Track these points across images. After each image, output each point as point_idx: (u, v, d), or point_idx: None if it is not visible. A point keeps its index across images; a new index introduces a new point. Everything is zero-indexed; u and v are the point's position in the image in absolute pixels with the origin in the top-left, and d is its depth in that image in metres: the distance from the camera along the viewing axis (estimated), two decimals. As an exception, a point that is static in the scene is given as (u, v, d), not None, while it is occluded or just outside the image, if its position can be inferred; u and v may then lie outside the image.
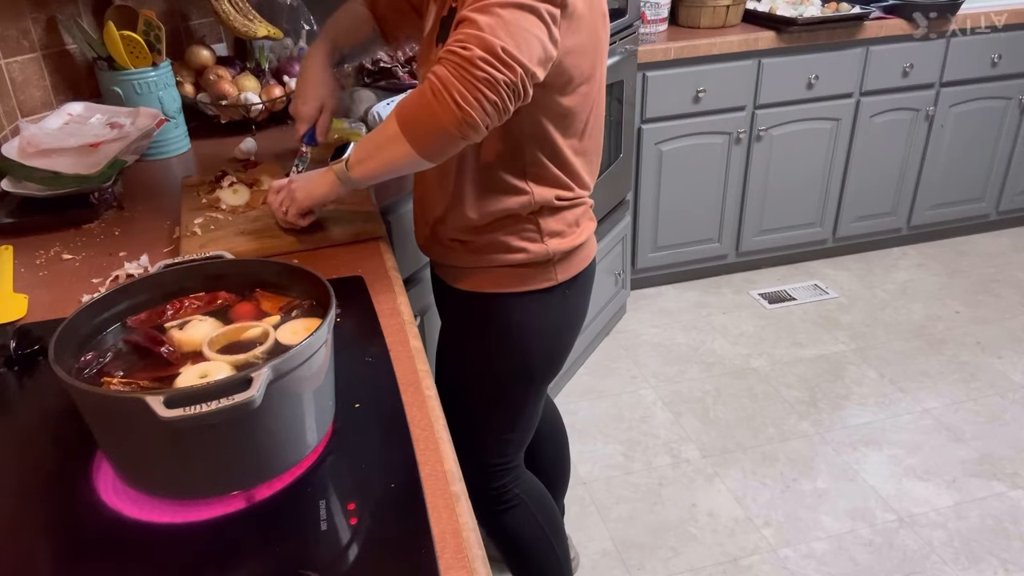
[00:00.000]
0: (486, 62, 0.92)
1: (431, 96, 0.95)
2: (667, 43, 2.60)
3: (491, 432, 1.36)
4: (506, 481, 1.41)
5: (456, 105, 0.94)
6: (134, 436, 0.71)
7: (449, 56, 0.94)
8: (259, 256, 1.15)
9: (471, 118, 0.95)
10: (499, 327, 1.26)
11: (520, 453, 1.42)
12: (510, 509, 1.43)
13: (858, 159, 3.00)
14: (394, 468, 0.79)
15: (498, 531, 1.47)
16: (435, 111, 0.95)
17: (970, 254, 3.27)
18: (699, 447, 2.24)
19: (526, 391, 1.33)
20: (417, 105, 0.98)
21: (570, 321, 1.32)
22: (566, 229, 1.22)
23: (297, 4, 2.06)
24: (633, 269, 2.94)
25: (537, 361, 1.30)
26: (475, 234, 1.21)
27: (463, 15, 0.97)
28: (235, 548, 0.72)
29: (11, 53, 1.59)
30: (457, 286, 1.28)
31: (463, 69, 0.93)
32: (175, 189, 1.52)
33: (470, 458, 1.38)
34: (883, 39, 2.80)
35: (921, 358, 2.61)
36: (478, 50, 0.92)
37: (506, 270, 1.22)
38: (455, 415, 1.38)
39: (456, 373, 1.36)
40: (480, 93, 0.93)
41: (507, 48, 0.93)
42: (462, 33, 0.95)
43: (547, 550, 1.50)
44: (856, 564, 1.86)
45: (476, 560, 0.70)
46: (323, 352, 0.77)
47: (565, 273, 1.24)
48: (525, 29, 0.95)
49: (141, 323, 0.85)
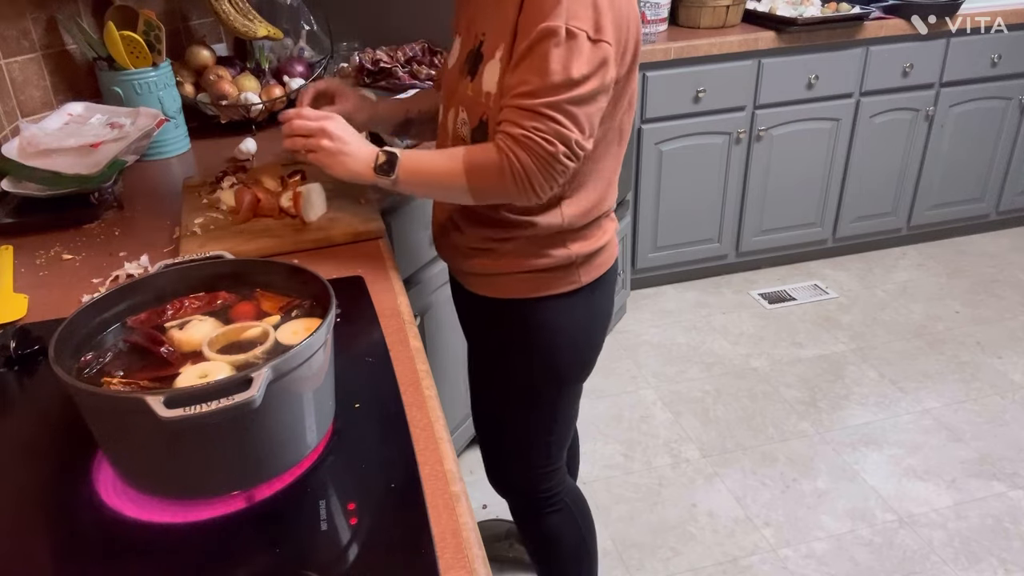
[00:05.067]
0: (567, 156, 1.04)
1: (511, 179, 1.05)
2: (667, 43, 2.60)
3: (530, 435, 1.36)
4: (554, 483, 1.42)
5: (533, 191, 1.07)
6: (134, 436, 0.71)
7: (532, 145, 1.03)
8: (259, 256, 1.15)
9: (542, 198, 1.09)
10: (528, 332, 1.25)
11: (563, 453, 1.42)
12: (557, 512, 1.44)
13: (858, 159, 3.00)
14: (394, 468, 0.79)
15: (541, 533, 1.47)
16: (510, 190, 1.07)
17: (970, 254, 3.27)
18: (699, 447, 2.24)
19: (562, 393, 1.32)
20: (495, 180, 1.07)
21: (597, 321, 1.31)
22: (589, 232, 1.22)
23: (297, 4, 2.06)
24: (633, 269, 2.94)
25: (568, 363, 1.29)
26: (497, 243, 1.21)
27: (539, 109, 1.02)
28: (235, 548, 0.72)
29: (11, 53, 1.59)
30: (481, 293, 1.28)
31: (548, 164, 1.04)
32: (175, 189, 1.52)
33: (519, 462, 1.40)
34: (883, 39, 2.80)
35: (921, 358, 2.61)
36: (561, 147, 1.03)
37: (530, 275, 1.21)
38: (499, 423, 1.38)
39: (485, 378, 1.37)
40: (556, 181, 1.07)
41: (580, 141, 1.05)
42: (544, 125, 1.03)
43: (583, 554, 1.52)
44: (856, 564, 1.86)
45: (476, 560, 0.70)
46: (323, 352, 0.77)
47: (589, 275, 1.24)
48: (592, 123, 1.07)
49: (141, 323, 0.85)
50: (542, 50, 1.01)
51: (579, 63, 1.00)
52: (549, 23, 1.00)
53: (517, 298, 1.23)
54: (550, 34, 1.00)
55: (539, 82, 1.01)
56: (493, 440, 1.43)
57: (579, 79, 1.01)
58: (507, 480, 1.45)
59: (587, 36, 1.00)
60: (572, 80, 1.01)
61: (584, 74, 1.01)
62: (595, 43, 1.01)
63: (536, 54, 1.01)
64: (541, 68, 1.01)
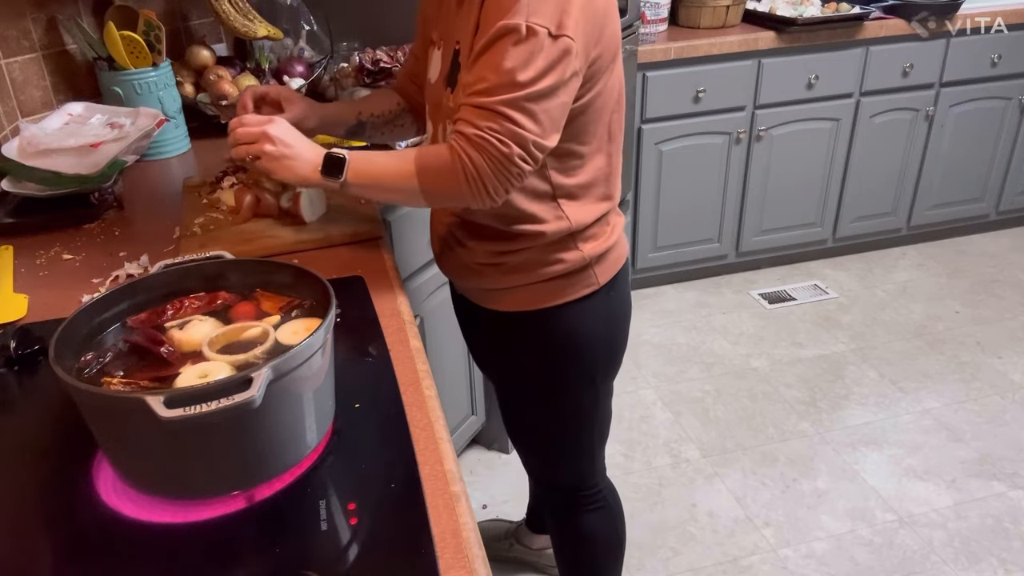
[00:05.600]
0: (522, 159, 1.00)
1: (464, 180, 1.01)
2: (667, 43, 2.60)
3: (581, 437, 1.36)
4: (595, 481, 1.43)
5: (487, 194, 1.02)
6: (134, 436, 0.71)
7: (486, 145, 0.99)
8: (259, 256, 1.15)
9: (497, 201, 1.04)
10: (551, 341, 1.23)
11: (602, 451, 1.43)
12: (597, 510, 1.45)
13: (858, 159, 3.00)
14: (394, 468, 0.79)
15: (578, 530, 1.47)
16: (463, 192, 1.02)
17: (970, 254, 3.27)
18: (699, 447, 2.24)
19: (592, 393, 1.31)
20: (447, 182, 1.03)
21: (618, 319, 1.30)
22: (599, 231, 1.20)
23: (297, 4, 2.06)
24: (633, 269, 2.94)
25: (596, 365, 1.28)
26: (507, 256, 1.18)
27: (495, 107, 0.98)
28: (235, 548, 0.72)
29: (11, 53, 1.59)
30: (495, 308, 1.24)
31: (501, 165, 1.00)
32: (175, 189, 1.52)
33: (568, 465, 1.39)
34: (883, 39, 2.80)
35: (921, 358, 2.61)
36: (516, 148, 0.99)
37: (547, 283, 1.18)
38: (543, 433, 1.37)
39: (514, 386, 1.35)
40: (511, 184, 1.03)
41: (538, 142, 1.00)
42: (497, 125, 0.98)
43: (617, 555, 1.52)
44: (856, 564, 1.86)
45: (476, 560, 0.70)
46: (323, 352, 0.77)
47: (605, 274, 1.22)
48: (554, 119, 1.02)
49: (141, 323, 0.85)
50: (500, 47, 0.97)
51: (538, 60, 0.97)
52: (508, 20, 0.96)
53: (536, 309, 1.20)
54: (509, 31, 0.97)
55: (496, 79, 0.98)
56: (537, 449, 1.41)
57: (537, 76, 0.97)
58: (556, 481, 1.45)
59: (548, 32, 0.97)
60: (530, 77, 0.97)
61: (542, 70, 0.98)
62: (556, 38, 0.98)
63: (494, 51, 0.98)
64: (498, 65, 0.97)
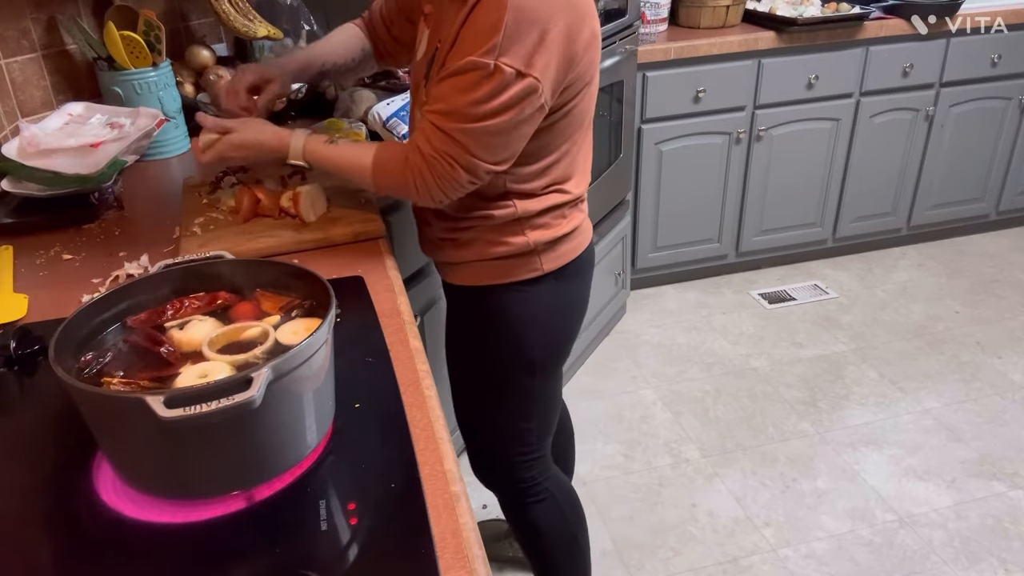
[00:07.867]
0: (471, 181, 1.11)
1: (412, 187, 1.13)
2: (667, 43, 2.60)
3: (507, 422, 1.37)
4: (534, 474, 1.42)
5: (432, 200, 1.14)
6: (134, 436, 0.71)
7: (438, 167, 1.09)
8: (259, 256, 1.15)
9: (441, 205, 1.17)
10: (492, 318, 1.29)
11: (543, 444, 1.42)
12: (539, 503, 1.44)
13: (858, 159, 3.00)
14: (394, 468, 0.79)
15: (525, 525, 1.48)
16: (411, 195, 1.15)
17: (970, 254, 3.27)
18: (699, 447, 2.24)
19: (531, 380, 1.33)
20: (397, 184, 1.16)
21: (565, 310, 1.33)
22: (550, 221, 1.24)
23: (297, 4, 2.06)
24: (633, 269, 2.94)
25: (535, 350, 1.31)
26: (459, 232, 1.25)
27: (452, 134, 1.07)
28: (235, 548, 0.72)
29: (11, 53, 1.60)
30: (451, 281, 1.33)
31: (449, 184, 1.11)
32: (175, 189, 1.52)
33: (498, 450, 1.41)
34: (883, 39, 2.80)
35: (921, 358, 2.61)
36: (465, 173, 1.10)
37: (492, 263, 1.25)
38: (470, 407, 1.40)
39: (462, 365, 1.39)
40: (456, 195, 1.14)
41: (490, 169, 1.11)
42: (452, 151, 1.08)
43: (574, 551, 1.52)
44: (856, 564, 1.86)
45: (476, 560, 0.70)
46: (323, 352, 0.77)
47: (552, 263, 1.26)
48: (510, 148, 1.10)
49: (141, 323, 0.85)
50: (468, 79, 1.04)
51: (502, 96, 1.03)
52: (478, 59, 1.02)
53: (483, 285, 1.27)
54: (477, 67, 1.03)
55: (457, 107, 1.05)
56: (473, 430, 1.44)
57: (497, 110, 1.04)
58: (488, 469, 1.46)
59: (515, 72, 1.02)
60: (491, 111, 1.04)
61: (504, 105, 1.04)
62: (523, 77, 1.03)
63: (462, 79, 1.05)
64: (464, 93, 1.04)
